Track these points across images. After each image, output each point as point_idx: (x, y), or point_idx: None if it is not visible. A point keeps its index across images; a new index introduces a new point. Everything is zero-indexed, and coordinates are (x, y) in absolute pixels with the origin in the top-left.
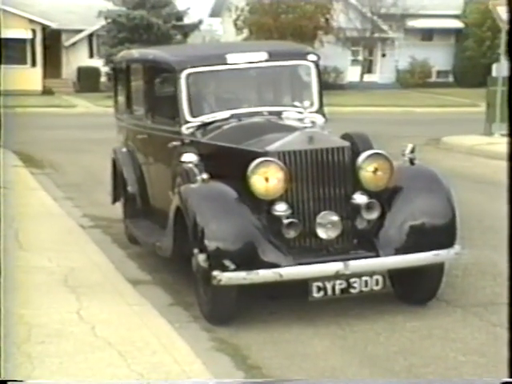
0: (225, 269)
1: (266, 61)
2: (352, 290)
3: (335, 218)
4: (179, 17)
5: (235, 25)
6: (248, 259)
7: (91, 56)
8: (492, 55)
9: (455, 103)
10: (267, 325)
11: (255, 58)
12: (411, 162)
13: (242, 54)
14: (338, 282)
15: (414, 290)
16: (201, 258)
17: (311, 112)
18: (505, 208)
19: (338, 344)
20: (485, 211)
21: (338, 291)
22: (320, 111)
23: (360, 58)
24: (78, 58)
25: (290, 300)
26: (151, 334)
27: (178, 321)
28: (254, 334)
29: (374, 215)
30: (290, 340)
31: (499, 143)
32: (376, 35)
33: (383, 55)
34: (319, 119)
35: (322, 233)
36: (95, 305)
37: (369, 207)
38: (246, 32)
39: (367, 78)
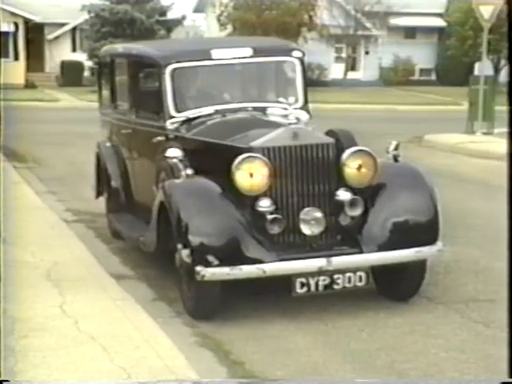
0: (208, 264)
1: (251, 56)
2: (335, 286)
3: (319, 214)
4: (163, 12)
5: (219, 20)
6: (231, 255)
7: (74, 50)
8: (474, 54)
9: (438, 101)
10: (250, 320)
11: (240, 53)
12: (395, 159)
13: (226, 50)
14: (321, 278)
15: (396, 286)
16: (184, 253)
17: (296, 108)
18: (487, 205)
19: (320, 340)
20: (467, 209)
21: (321, 287)
22: (305, 107)
23: (343, 55)
24: (60, 52)
25: (273, 296)
26: (134, 329)
27: (161, 316)
28: (237, 329)
29: (357, 212)
30: (273, 336)
31: (481, 142)
32: (359, 33)
33: (366, 53)
34: (304, 115)
35: (305, 229)
36: (78, 299)
37: (352, 204)
38: (229, 28)
39: (351, 75)
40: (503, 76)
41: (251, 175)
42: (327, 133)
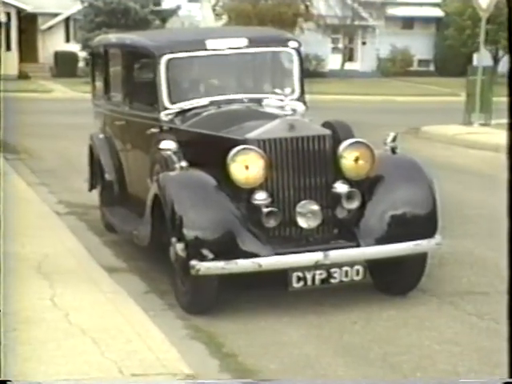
0: (203, 258)
1: (247, 47)
2: (332, 280)
3: (315, 207)
4: (157, 2)
5: (214, 10)
6: (227, 249)
7: (68, 40)
8: (472, 44)
9: (436, 92)
10: (243, 313)
11: (235, 43)
12: (393, 150)
13: (222, 40)
14: (317, 272)
15: (394, 280)
16: (179, 247)
17: (292, 99)
18: (483, 197)
19: (313, 333)
20: (463, 201)
21: (317, 281)
22: (301, 99)
23: (340, 45)
24: (54, 43)
25: (266, 289)
26: (125, 322)
27: (153, 309)
28: (230, 322)
29: (354, 204)
30: (266, 328)
31: (478, 133)
32: (356, 23)
33: (364, 43)
34: (300, 107)
35: (302, 222)
36: (69, 292)
37: (349, 196)
38: (224, 18)
39: (348, 66)
40: (502, 66)
41: (246, 167)
42: (324, 124)
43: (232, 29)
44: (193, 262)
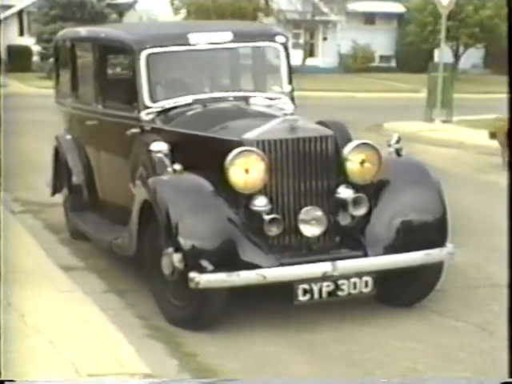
0: (202, 270)
1: (232, 42)
2: (340, 293)
3: (319, 213)
4: None
5: (172, 5)
6: (227, 259)
7: (21, 34)
8: (434, 41)
9: (397, 88)
10: None
11: (220, 38)
12: (398, 153)
13: (205, 34)
14: (325, 284)
15: (402, 292)
16: (176, 257)
17: (280, 98)
18: (448, 195)
19: (276, 332)
20: None
21: (324, 294)
22: (290, 97)
23: (301, 41)
24: (7, 36)
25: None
26: (82, 322)
27: (112, 308)
28: None
29: (361, 211)
30: (228, 329)
31: (440, 130)
32: (317, 18)
33: (325, 39)
34: (289, 105)
35: (305, 230)
36: (25, 292)
37: (356, 202)
38: (183, 12)
39: (309, 61)
40: (462, 63)
41: (246, 171)
42: (318, 124)
43: (216, 22)
44: (192, 275)
